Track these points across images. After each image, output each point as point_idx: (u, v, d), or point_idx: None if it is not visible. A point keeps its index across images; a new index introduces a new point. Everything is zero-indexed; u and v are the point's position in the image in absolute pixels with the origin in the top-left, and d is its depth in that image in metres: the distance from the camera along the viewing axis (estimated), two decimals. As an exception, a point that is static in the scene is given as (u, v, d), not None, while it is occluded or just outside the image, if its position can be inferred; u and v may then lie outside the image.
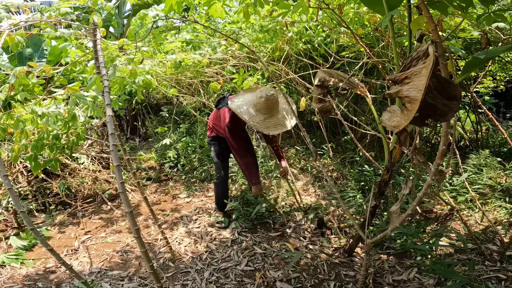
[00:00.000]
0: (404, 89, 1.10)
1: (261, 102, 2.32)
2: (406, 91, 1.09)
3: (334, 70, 1.90)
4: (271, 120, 2.36)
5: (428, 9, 1.06)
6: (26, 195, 3.22)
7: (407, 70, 1.11)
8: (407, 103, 1.09)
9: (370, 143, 4.05)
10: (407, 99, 1.09)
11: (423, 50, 1.07)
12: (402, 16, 2.18)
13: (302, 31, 2.99)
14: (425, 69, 1.02)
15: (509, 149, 3.90)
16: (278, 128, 2.35)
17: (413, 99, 1.06)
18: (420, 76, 1.04)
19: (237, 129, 2.53)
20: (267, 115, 2.35)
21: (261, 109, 2.34)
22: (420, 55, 1.08)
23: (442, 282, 1.90)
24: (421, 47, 1.09)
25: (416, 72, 1.06)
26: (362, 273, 1.79)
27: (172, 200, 3.52)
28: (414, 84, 1.06)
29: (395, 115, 1.17)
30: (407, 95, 1.09)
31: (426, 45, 1.06)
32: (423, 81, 1.02)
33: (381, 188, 1.79)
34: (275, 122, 2.36)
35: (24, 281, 2.10)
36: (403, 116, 1.12)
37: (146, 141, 6.12)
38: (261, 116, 2.34)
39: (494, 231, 2.34)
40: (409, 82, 1.09)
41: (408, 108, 1.09)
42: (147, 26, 3.71)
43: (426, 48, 1.05)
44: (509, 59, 3.61)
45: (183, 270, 2.19)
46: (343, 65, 4.00)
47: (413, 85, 1.07)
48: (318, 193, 3.41)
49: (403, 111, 1.12)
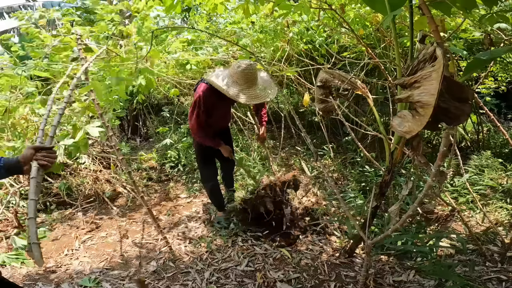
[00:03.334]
0: (415, 93, 1.07)
1: (238, 72, 2.19)
2: (417, 96, 1.06)
3: (335, 71, 1.90)
4: (248, 92, 2.23)
5: (429, 10, 1.06)
6: (27, 194, 3.22)
7: (416, 74, 1.08)
8: (419, 108, 1.06)
9: (371, 143, 4.04)
10: (419, 104, 1.06)
11: (429, 52, 1.05)
12: (403, 16, 2.18)
13: (303, 31, 2.99)
14: (435, 73, 1.00)
15: (510, 150, 3.88)
16: (256, 99, 2.24)
17: (425, 104, 1.03)
18: (430, 80, 1.01)
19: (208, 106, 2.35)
20: (244, 86, 2.22)
21: (238, 80, 2.21)
22: (426, 58, 1.06)
23: (442, 283, 1.89)
24: (427, 49, 1.07)
25: (426, 75, 1.03)
26: (362, 273, 1.79)
27: (173, 200, 3.52)
28: (426, 88, 1.03)
29: (406, 120, 1.13)
30: (419, 100, 1.05)
31: (432, 47, 1.05)
32: (435, 85, 0.99)
33: (382, 189, 1.79)
34: (253, 94, 2.24)
35: (24, 281, 2.10)
36: (415, 121, 1.09)
37: (147, 141, 6.12)
38: (238, 87, 2.22)
39: (495, 232, 2.34)
40: (419, 86, 1.06)
41: (420, 113, 1.06)
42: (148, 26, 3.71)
43: (433, 50, 1.04)
44: (510, 60, 3.60)
45: (184, 270, 2.19)
46: (344, 66, 4.00)
47: (424, 90, 1.04)
48: (318, 193, 3.40)
49: (414, 116, 1.09)
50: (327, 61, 3.22)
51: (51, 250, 2.51)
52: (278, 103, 5.25)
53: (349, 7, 2.56)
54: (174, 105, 5.92)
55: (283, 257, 2.27)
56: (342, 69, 4.03)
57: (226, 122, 2.80)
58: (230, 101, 2.45)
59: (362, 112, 4.23)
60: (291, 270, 2.11)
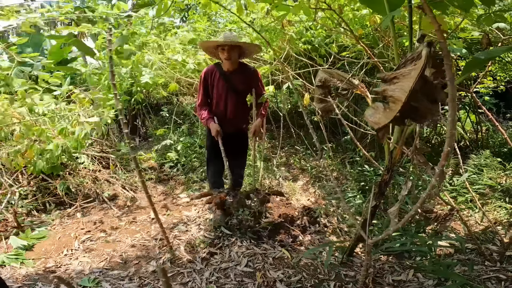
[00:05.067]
0: (390, 88, 1.13)
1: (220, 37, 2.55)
2: (391, 91, 1.12)
3: (334, 70, 1.90)
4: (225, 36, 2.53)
5: (431, 10, 1.06)
6: (26, 195, 3.22)
7: (398, 70, 1.12)
8: (390, 103, 1.12)
9: (370, 143, 4.05)
10: (391, 99, 1.12)
11: (418, 51, 1.08)
12: (402, 16, 2.18)
13: (302, 31, 3.00)
14: (414, 71, 1.05)
15: (509, 149, 3.89)
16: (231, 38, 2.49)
17: (396, 100, 1.09)
18: (408, 78, 1.06)
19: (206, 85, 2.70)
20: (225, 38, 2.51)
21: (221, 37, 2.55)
22: (414, 56, 1.09)
23: (441, 283, 1.89)
24: (416, 49, 1.09)
25: (405, 73, 1.08)
26: (362, 273, 1.79)
27: (172, 200, 3.52)
28: (401, 85, 1.09)
29: (377, 112, 1.20)
30: (391, 95, 1.12)
31: (421, 47, 1.07)
32: (410, 83, 1.04)
33: (381, 188, 1.79)
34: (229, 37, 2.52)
35: (24, 281, 2.10)
36: (384, 114, 1.15)
37: (146, 141, 6.12)
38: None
39: (494, 231, 2.34)
40: (397, 82, 1.11)
41: (391, 108, 1.12)
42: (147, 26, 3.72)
43: (421, 50, 1.06)
44: (509, 59, 3.61)
45: (183, 270, 2.19)
46: (343, 65, 4.00)
47: (399, 86, 1.09)
48: (318, 193, 3.41)
49: (385, 109, 1.15)
50: (326, 61, 3.23)
51: (50, 250, 2.50)
52: (277, 103, 5.26)
53: (348, 7, 2.56)
54: (173, 105, 5.92)
55: (282, 257, 2.28)
56: (341, 68, 4.04)
57: (228, 109, 2.74)
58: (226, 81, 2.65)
59: (361, 112, 4.23)
60: (290, 270, 2.12)
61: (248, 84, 2.68)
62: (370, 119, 1.22)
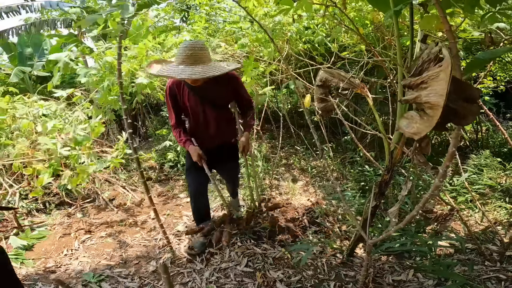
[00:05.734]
0: (423, 94, 1.05)
1: (180, 49, 1.89)
2: (425, 97, 1.05)
3: (335, 70, 1.90)
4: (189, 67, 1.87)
5: (443, 9, 1.03)
6: (26, 195, 3.22)
7: (422, 74, 1.06)
8: (427, 109, 1.05)
9: (370, 143, 4.05)
10: (427, 105, 1.04)
11: (434, 52, 1.03)
12: (402, 15, 2.18)
13: (301, 30, 2.99)
14: (443, 73, 0.98)
15: (509, 149, 3.90)
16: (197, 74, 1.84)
17: (434, 105, 1.01)
18: (438, 80, 1.00)
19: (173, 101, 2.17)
20: (185, 63, 1.88)
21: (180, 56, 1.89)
22: (431, 58, 1.05)
23: (441, 283, 1.89)
24: (431, 49, 1.06)
25: (433, 76, 1.02)
26: (362, 273, 1.79)
27: (172, 200, 3.52)
28: (433, 89, 1.02)
29: (414, 121, 1.12)
30: (427, 101, 1.04)
31: (437, 47, 1.04)
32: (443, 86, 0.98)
33: (381, 188, 1.79)
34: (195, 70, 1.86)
35: (24, 281, 2.10)
36: (423, 122, 1.07)
37: (146, 141, 6.12)
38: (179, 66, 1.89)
39: (494, 231, 2.34)
40: (427, 87, 1.04)
41: (429, 114, 1.05)
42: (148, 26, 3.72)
43: (438, 50, 1.03)
44: (509, 59, 3.61)
45: (183, 270, 2.19)
46: (344, 65, 4.00)
47: (432, 90, 1.02)
48: (318, 193, 3.41)
49: (422, 117, 1.08)
50: (326, 60, 3.23)
51: (50, 250, 2.50)
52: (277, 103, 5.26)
53: (350, 6, 2.56)
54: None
55: (282, 257, 2.28)
56: (342, 68, 4.04)
57: (210, 125, 2.24)
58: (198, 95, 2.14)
59: (361, 111, 4.23)
60: (290, 270, 2.11)
61: (226, 94, 2.21)
62: (407, 130, 1.14)
